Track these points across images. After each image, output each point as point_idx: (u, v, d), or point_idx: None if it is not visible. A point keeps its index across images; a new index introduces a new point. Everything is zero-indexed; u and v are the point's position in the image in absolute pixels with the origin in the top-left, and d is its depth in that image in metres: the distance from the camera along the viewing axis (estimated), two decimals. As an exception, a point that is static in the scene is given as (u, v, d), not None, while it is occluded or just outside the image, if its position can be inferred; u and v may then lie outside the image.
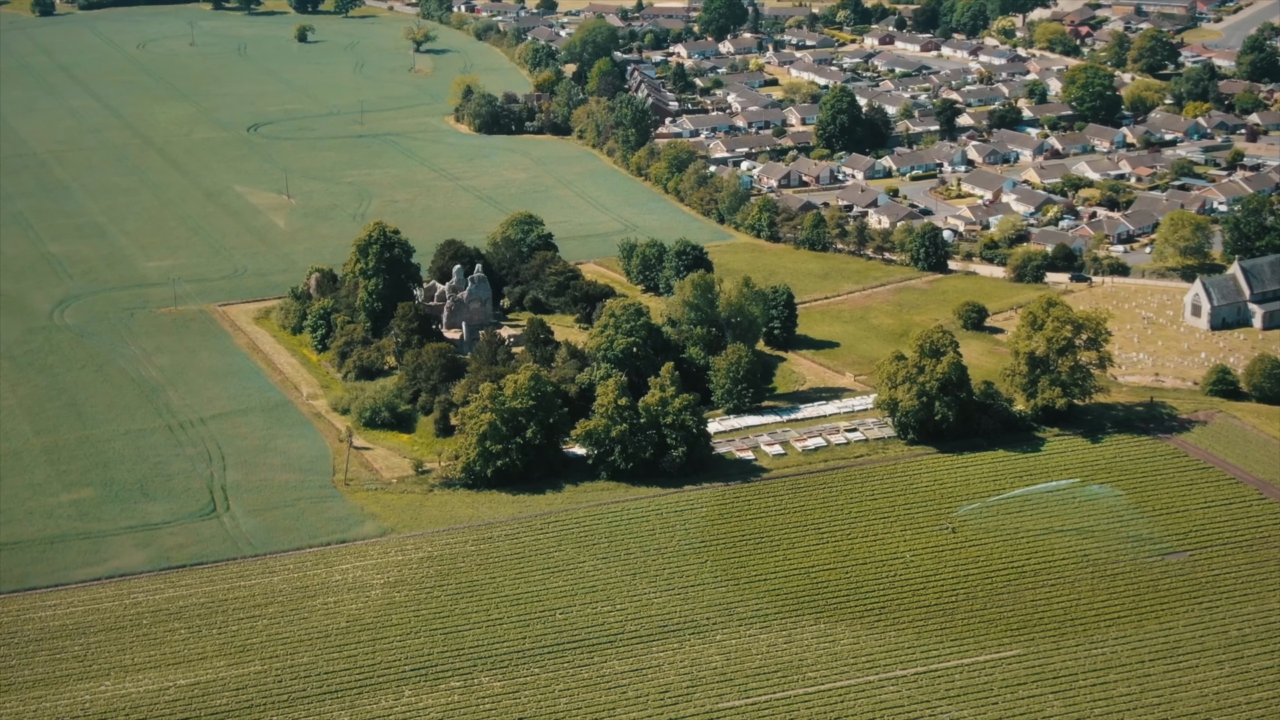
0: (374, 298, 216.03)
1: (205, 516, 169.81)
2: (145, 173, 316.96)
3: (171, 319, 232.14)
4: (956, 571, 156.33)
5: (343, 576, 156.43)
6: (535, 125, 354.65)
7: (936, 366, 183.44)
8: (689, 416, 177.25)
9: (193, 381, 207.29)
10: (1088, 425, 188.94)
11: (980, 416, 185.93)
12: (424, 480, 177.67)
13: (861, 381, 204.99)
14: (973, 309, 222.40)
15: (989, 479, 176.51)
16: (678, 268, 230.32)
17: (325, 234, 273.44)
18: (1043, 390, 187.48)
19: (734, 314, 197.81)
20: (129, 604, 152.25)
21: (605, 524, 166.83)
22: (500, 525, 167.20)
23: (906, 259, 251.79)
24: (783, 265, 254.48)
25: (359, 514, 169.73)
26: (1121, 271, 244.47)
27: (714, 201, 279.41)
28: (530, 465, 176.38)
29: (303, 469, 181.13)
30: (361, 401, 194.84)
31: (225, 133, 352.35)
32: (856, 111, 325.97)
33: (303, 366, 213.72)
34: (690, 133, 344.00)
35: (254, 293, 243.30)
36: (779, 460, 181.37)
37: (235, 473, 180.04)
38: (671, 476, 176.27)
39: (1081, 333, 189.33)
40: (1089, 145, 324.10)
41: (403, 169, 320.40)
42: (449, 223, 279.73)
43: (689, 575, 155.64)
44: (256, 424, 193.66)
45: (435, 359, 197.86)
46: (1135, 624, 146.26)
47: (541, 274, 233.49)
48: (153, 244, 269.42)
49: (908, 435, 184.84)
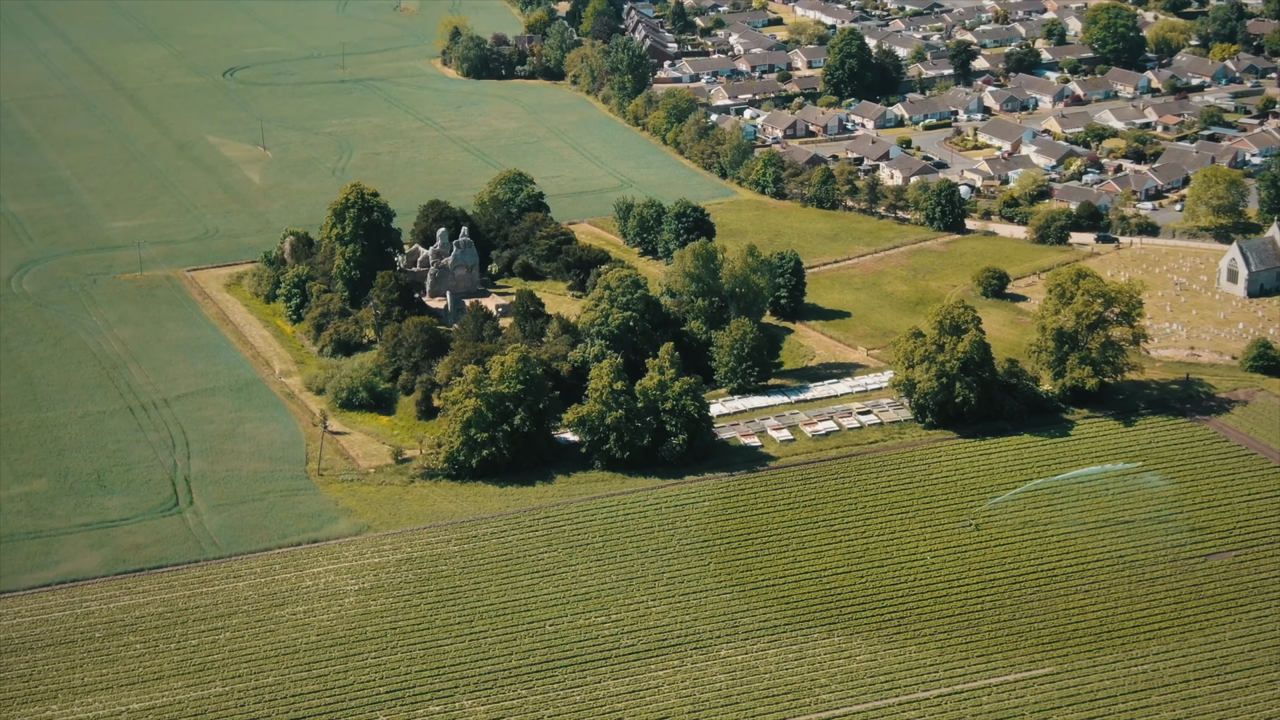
0: (352, 265, 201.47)
1: (167, 512, 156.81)
2: (114, 122, 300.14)
3: (137, 286, 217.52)
4: (981, 575, 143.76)
5: (314, 582, 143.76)
6: (526, 69, 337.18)
7: (957, 345, 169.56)
8: (690, 401, 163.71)
9: (157, 357, 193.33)
10: (1119, 406, 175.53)
11: (1004, 398, 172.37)
12: (404, 470, 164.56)
13: (874, 356, 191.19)
14: (993, 275, 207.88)
15: (1014, 467, 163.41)
16: (677, 230, 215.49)
17: (302, 190, 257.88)
18: (1071, 369, 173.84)
19: (738, 285, 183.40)
20: (81, 614, 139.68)
21: (599, 520, 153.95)
22: (485, 522, 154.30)
23: (921, 218, 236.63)
24: (789, 225, 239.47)
25: (333, 509, 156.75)
26: (1150, 231, 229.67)
27: (716, 155, 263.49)
28: (518, 454, 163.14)
29: (273, 457, 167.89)
30: (338, 381, 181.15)
31: (200, 77, 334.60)
32: (866, 55, 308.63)
33: (275, 340, 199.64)
34: (690, 77, 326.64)
35: (225, 256, 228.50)
36: (787, 447, 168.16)
37: (200, 461, 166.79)
38: (671, 466, 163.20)
39: (1113, 306, 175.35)
40: (1112, 91, 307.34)
41: (386, 117, 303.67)
42: (434, 178, 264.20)
43: (690, 580, 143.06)
44: (224, 405, 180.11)
45: (417, 334, 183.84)
46: (1178, 637, 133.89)
47: (532, 237, 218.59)
48: (119, 201, 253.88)
49: (925, 418, 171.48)
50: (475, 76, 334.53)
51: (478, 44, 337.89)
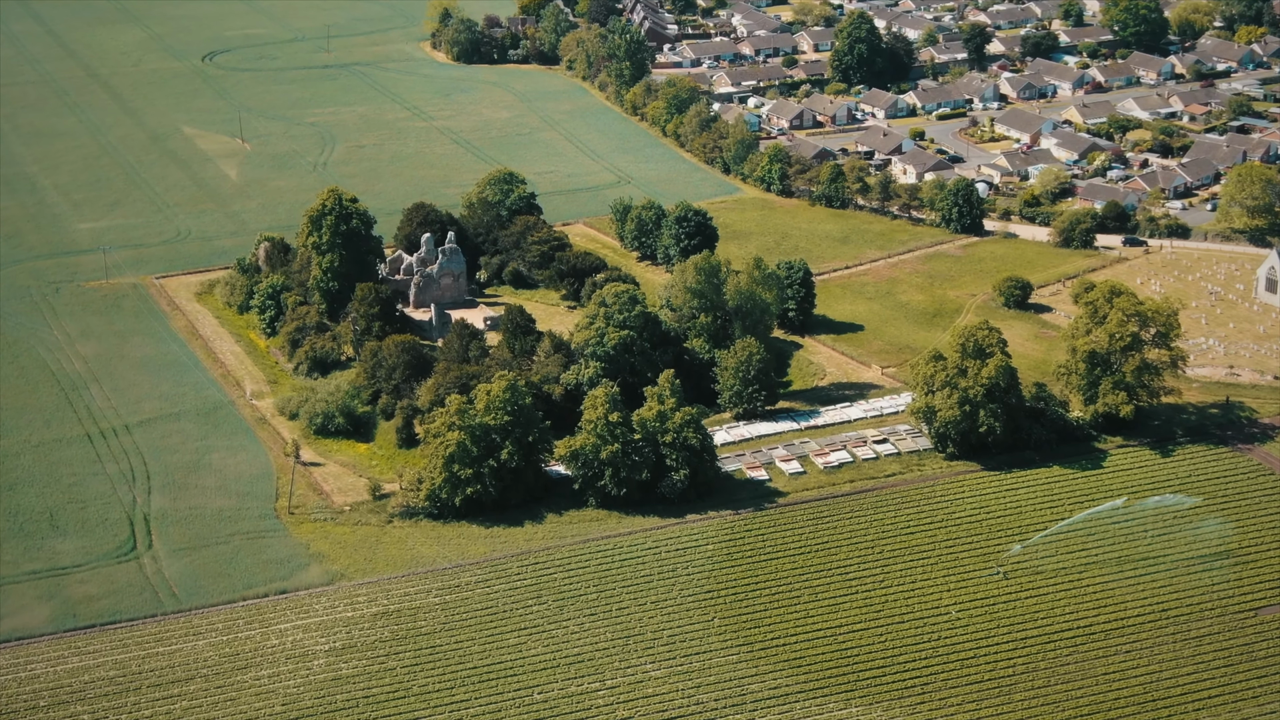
0: (329, 276, 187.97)
1: (123, 557, 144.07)
2: (86, 112, 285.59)
3: (102, 295, 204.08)
4: (1012, 632, 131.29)
5: (280, 641, 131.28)
6: (520, 54, 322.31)
7: (981, 370, 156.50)
8: (692, 433, 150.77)
9: (121, 376, 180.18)
10: (1155, 434, 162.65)
11: (1031, 426, 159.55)
12: (382, 508, 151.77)
13: (890, 375, 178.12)
14: (1015, 285, 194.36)
15: (1043, 504, 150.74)
16: (678, 235, 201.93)
17: (281, 188, 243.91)
18: (1104, 394, 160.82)
19: (744, 301, 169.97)
20: (25, 678, 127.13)
21: (593, 567, 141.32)
22: (469, 569, 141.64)
23: (937, 219, 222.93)
24: (796, 226, 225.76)
25: (303, 554, 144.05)
26: (1181, 233, 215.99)
27: (719, 149, 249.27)
28: (506, 490, 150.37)
29: (240, 492, 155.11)
30: (313, 405, 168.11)
31: (178, 62, 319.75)
32: (876, 40, 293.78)
33: (248, 356, 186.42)
34: (691, 62, 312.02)
35: (197, 261, 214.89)
36: (796, 481, 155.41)
37: (161, 497, 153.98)
38: (671, 503, 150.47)
39: (1149, 326, 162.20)
40: (1134, 77, 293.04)
41: (372, 106, 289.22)
42: (421, 173, 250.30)
43: (692, 639, 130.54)
44: (190, 432, 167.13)
45: (397, 354, 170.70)
46: (1230, 708, 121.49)
47: (523, 242, 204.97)
48: (87, 200, 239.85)
49: (946, 448, 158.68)
50: (466, 61, 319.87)
51: (469, 27, 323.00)
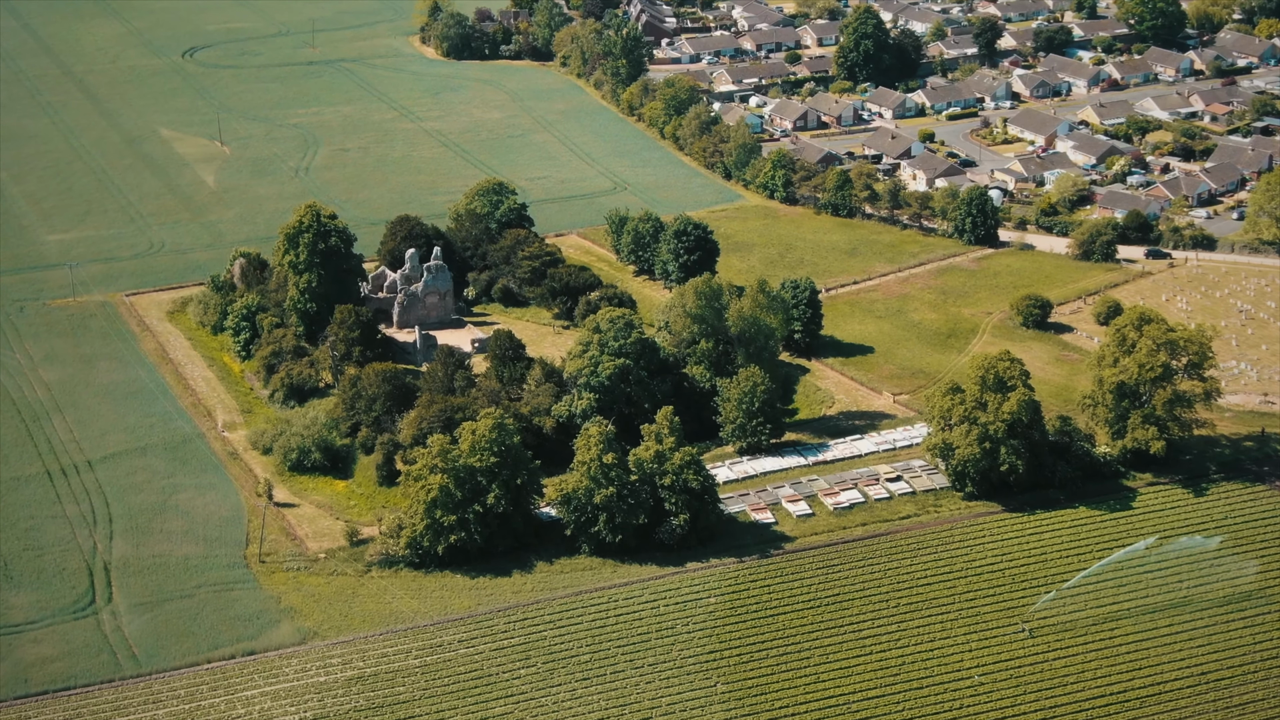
0: (307, 297, 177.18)
1: (80, 613, 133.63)
2: (59, 112, 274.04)
3: (68, 315, 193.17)
4: (1040, 699, 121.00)
5: (247, 710, 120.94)
6: (512, 49, 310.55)
7: (1003, 405, 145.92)
8: (693, 475, 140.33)
9: (85, 405, 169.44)
10: (1187, 469, 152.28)
11: (1055, 462, 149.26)
12: (359, 555, 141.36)
13: (902, 404, 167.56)
14: (1034, 304, 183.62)
15: (1069, 550, 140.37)
16: (676, 250, 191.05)
17: (261, 195, 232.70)
18: (1133, 428, 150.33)
19: (747, 328, 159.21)
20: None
21: (586, 624, 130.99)
22: (452, 626, 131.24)
23: (949, 229, 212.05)
24: (801, 237, 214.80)
25: (274, 609, 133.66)
26: (1207, 245, 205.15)
27: (719, 153, 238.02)
28: (493, 537, 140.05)
29: (208, 537, 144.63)
30: (287, 439, 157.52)
31: (157, 59, 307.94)
32: (883, 35, 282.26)
33: (220, 382, 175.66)
34: (690, 58, 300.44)
35: (170, 276, 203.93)
36: (805, 524, 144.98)
37: (124, 543, 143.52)
38: (670, 550, 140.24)
39: (1180, 356, 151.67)
40: (1151, 74, 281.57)
41: (358, 106, 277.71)
42: (407, 179, 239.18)
43: (694, 709, 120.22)
44: (157, 469, 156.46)
45: (378, 384, 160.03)
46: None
47: (513, 257, 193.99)
48: (58, 210, 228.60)
49: (965, 487, 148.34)
50: (456, 57, 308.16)
51: (459, 21, 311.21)
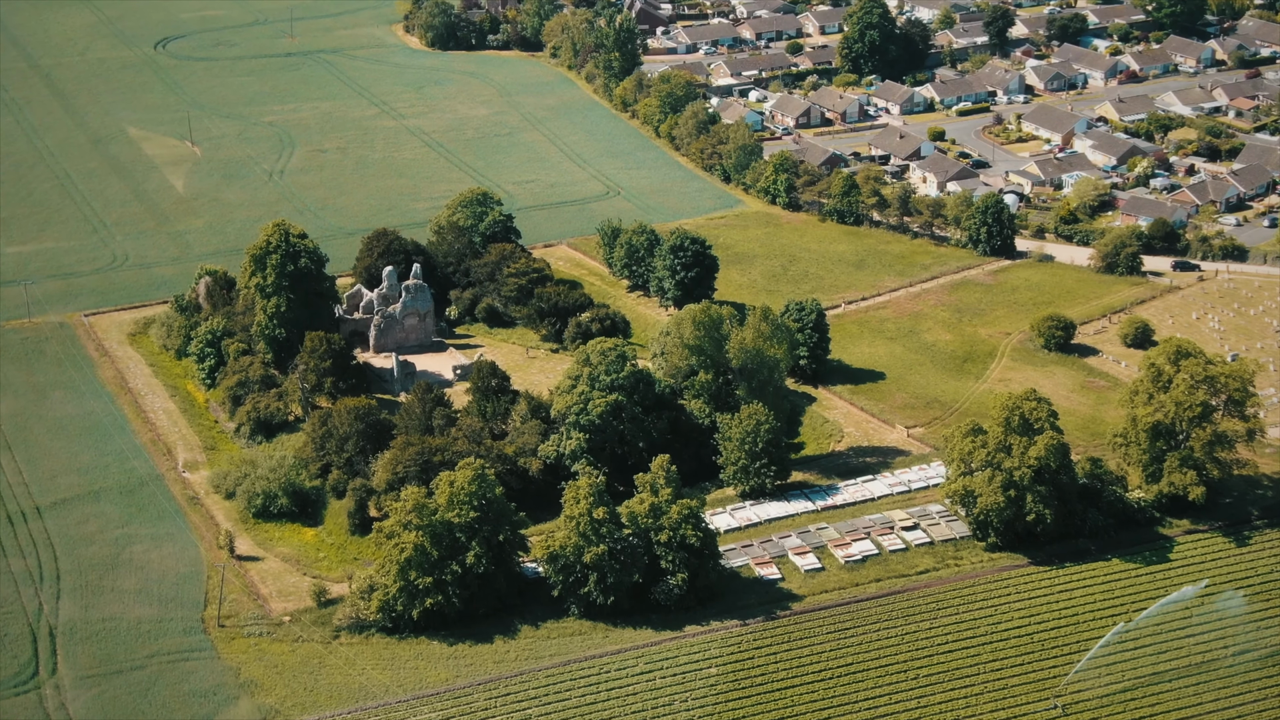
0: (275, 323, 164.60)
1: (21, 686, 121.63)
2: (23, 110, 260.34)
3: (22, 338, 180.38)
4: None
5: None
6: (499, 39, 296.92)
7: (1029, 449, 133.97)
8: (691, 530, 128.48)
9: (36, 443, 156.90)
10: (1227, 515, 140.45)
11: (1085, 509, 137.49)
12: (327, 618, 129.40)
13: (916, 438, 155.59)
14: (1056, 325, 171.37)
15: (1103, 609, 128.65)
16: (673, 266, 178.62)
17: (231, 202, 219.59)
18: (1170, 471, 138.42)
19: (749, 360, 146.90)
20: None
21: (575, 700, 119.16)
22: (426, 704, 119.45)
23: (963, 238, 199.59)
24: (805, 247, 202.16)
25: (232, 683, 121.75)
26: (1238, 256, 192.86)
27: (718, 154, 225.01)
28: (473, 599, 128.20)
29: (164, 597, 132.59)
30: (252, 482, 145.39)
31: (128, 50, 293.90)
32: (889, 25, 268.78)
33: (182, 415, 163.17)
34: (687, 48, 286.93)
35: (132, 294, 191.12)
36: (813, 580, 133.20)
37: (72, 604, 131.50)
38: (668, 611, 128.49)
39: (1220, 392, 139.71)
40: (1171, 64, 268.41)
41: (337, 102, 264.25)
42: (388, 183, 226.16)
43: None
44: (111, 516, 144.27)
45: (350, 422, 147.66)
46: None
47: (499, 274, 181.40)
48: (16, 218, 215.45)
49: (988, 536, 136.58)
50: (441, 47, 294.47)
51: (444, 9, 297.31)
